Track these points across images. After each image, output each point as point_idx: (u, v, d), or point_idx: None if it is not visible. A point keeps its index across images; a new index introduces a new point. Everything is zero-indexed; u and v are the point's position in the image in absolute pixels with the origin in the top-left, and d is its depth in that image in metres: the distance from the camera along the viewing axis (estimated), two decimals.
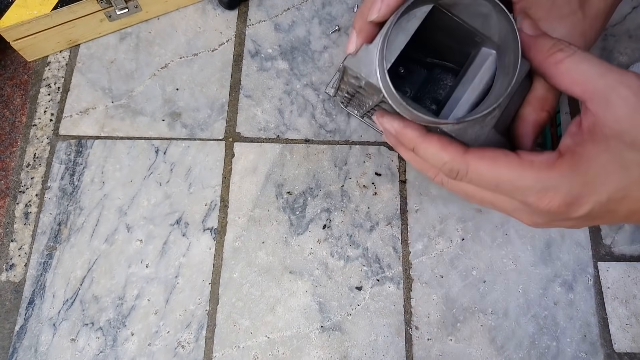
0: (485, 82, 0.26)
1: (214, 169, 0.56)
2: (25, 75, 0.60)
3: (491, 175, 0.25)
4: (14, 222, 0.54)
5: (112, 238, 0.53)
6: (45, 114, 0.58)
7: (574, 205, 0.24)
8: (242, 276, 0.52)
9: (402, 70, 0.32)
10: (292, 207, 0.55)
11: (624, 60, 0.62)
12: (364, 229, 0.54)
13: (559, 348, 0.50)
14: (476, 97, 0.27)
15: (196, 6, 0.63)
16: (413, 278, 0.53)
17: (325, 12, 0.64)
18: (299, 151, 0.57)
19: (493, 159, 0.25)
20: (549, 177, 0.24)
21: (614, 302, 0.52)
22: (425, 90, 0.33)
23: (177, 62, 0.61)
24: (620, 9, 0.65)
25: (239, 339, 0.50)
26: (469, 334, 0.51)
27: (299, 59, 0.61)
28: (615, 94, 0.23)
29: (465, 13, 0.26)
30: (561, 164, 0.24)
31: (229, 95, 0.59)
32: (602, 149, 0.23)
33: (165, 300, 0.51)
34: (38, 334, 0.50)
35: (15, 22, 0.54)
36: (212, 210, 0.54)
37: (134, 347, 0.49)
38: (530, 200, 0.24)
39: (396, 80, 0.32)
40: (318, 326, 0.50)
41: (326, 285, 0.52)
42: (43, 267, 0.52)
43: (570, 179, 0.24)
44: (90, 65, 0.60)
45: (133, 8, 0.59)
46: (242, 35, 0.62)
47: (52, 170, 0.55)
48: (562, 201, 0.24)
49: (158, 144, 0.57)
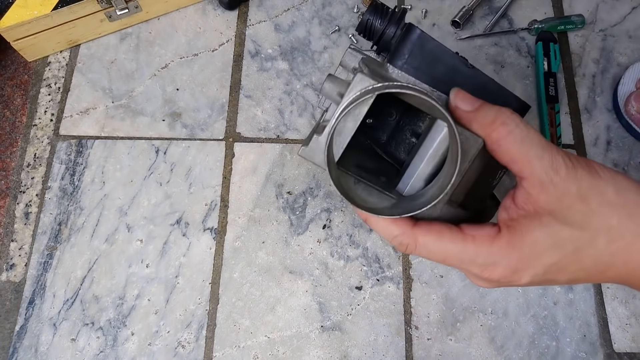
0: (440, 154, 0.27)
1: (214, 169, 0.56)
2: (26, 76, 0.60)
3: (438, 250, 0.26)
4: (14, 222, 0.54)
5: (112, 238, 0.53)
6: (46, 114, 0.58)
7: (514, 276, 0.26)
8: (242, 276, 0.52)
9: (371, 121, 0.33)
10: (292, 207, 0.55)
11: (623, 60, 0.62)
12: (364, 229, 0.54)
13: (558, 348, 0.50)
14: (432, 167, 0.27)
15: (196, 6, 0.63)
16: (413, 278, 0.53)
17: (325, 13, 0.64)
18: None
19: (439, 232, 0.26)
20: (488, 253, 0.25)
21: (613, 302, 0.52)
22: (405, 122, 0.33)
23: (178, 62, 0.61)
24: (620, 9, 0.65)
25: (239, 338, 0.50)
26: (468, 333, 0.51)
27: (299, 59, 0.61)
28: (549, 179, 0.24)
29: (412, 100, 0.27)
30: (499, 239, 0.26)
31: (229, 95, 0.59)
32: (535, 225, 0.25)
33: (165, 300, 0.51)
34: (38, 334, 0.50)
35: (16, 22, 0.54)
36: (212, 210, 0.54)
37: (134, 347, 0.49)
38: (473, 271, 0.26)
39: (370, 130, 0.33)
40: (318, 326, 0.51)
41: (326, 285, 0.52)
42: (43, 267, 0.52)
43: (507, 253, 0.25)
44: (91, 65, 0.60)
45: (133, 8, 0.59)
46: (242, 36, 0.62)
47: (53, 170, 0.56)
48: (502, 274, 0.26)
49: (158, 144, 0.57)
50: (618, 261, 0.25)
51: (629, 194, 0.25)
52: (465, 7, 0.63)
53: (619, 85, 0.59)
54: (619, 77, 0.60)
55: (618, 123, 0.59)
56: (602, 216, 0.24)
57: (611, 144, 0.58)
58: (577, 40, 0.63)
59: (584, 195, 0.24)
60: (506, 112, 0.25)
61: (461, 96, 0.27)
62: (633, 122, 0.57)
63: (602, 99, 0.60)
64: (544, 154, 0.24)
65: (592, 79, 0.61)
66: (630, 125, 0.57)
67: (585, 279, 0.26)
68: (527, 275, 0.25)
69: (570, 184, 0.24)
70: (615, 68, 0.62)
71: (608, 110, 0.60)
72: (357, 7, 0.64)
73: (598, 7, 0.65)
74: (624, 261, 0.25)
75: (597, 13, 0.64)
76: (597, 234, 0.24)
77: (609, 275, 0.26)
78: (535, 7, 0.65)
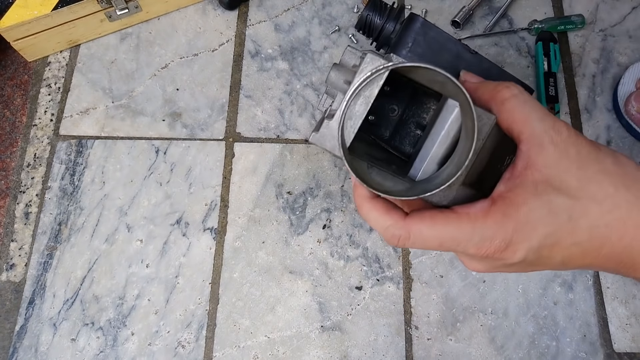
0: (452, 135, 0.27)
1: (214, 169, 0.56)
2: (26, 76, 0.60)
3: (433, 235, 0.26)
4: (14, 222, 0.54)
5: (112, 238, 0.53)
6: (46, 114, 0.58)
7: (508, 251, 0.25)
8: (242, 276, 0.52)
9: (373, 118, 0.33)
10: (292, 207, 0.55)
11: (623, 60, 0.62)
12: (363, 229, 0.54)
13: (558, 348, 0.50)
14: (445, 149, 0.27)
15: (196, 6, 0.63)
16: (413, 278, 0.53)
17: (325, 13, 0.64)
18: (299, 151, 0.57)
19: (431, 217, 0.26)
20: (484, 227, 0.25)
21: (613, 302, 0.52)
22: (409, 115, 0.33)
23: (178, 63, 0.61)
24: (620, 9, 0.65)
25: (239, 338, 0.50)
26: (468, 333, 0.51)
27: (299, 59, 0.61)
28: (548, 138, 0.24)
29: (422, 78, 0.26)
30: (494, 212, 0.25)
31: (229, 95, 0.59)
32: (530, 194, 0.24)
33: (165, 300, 0.51)
34: (38, 334, 0.50)
35: (16, 22, 0.54)
36: (212, 210, 0.54)
37: (134, 346, 0.49)
38: (470, 251, 0.25)
39: (372, 127, 0.33)
40: (318, 326, 0.51)
41: (326, 285, 0.52)
42: (43, 267, 0.52)
43: (503, 224, 0.24)
44: (91, 65, 0.60)
45: (133, 8, 0.59)
46: (242, 36, 0.62)
47: (53, 170, 0.56)
48: (497, 248, 0.25)
49: (158, 144, 0.57)
50: (613, 235, 0.24)
51: (628, 168, 0.24)
52: (465, 7, 0.63)
53: (619, 85, 0.59)
54: (619, 77, 0.60)
55: (618, 123, 0.59)
56: (599, 184, 0.24)
57: (611, 144, 0.58)
58: (577, 40, 0.63)
59: (582, 161, 0.24)
60: (511, 82, 0.26)
61: (470, 74, 0.28)
62: (633, 122, 0.57)
63: (602, 99, 0.60)
64: (545, 117, 0.25)
65: (592, 79, 0.61)
66: (630, 125, 0.57)
67: (581, 258, 0.25)
68: (522, 248, 0.24)
69: (570, 147, 0.24)
70: (615, 68, 0.62)
71: (608, 110, 0.60)
72: (357, 7, 0.64)
73: (598, 7, 0.65)
74: (620, 235, 0.24)
75: (597, 13, 0.64)
76: (591, 202, 0.24)
77: (604, 253, 0.25)
78: (535, 7, 0.65)
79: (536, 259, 0.25)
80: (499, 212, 0.25)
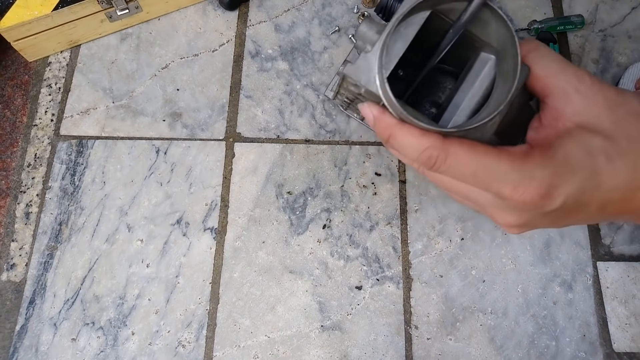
0: (485, 88, 0.26)
1: (214, 169, 0.56)
2: (26, 76, 0.61)
3: (470, 161, 0.24)
4: (14, 222, 0.54)
5: (112, 238, 0.53)
6: (46, 114, 0.58)
7: (548, 197, 0.23)
8: (243, 276, 0.52)
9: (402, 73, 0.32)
10: (292, 207, 0.55)
11: (623, 61, 0.62)
12: (363, 229, 0.54)
13: (558, 347, 0.50)
14: (476, 102, 0.27)
15: (197, 7, 0.63)
16: (413, 278, 0.53)
17: (325, 13, 0.64)
18: (299, 151, 0.57)
19: (471, 145, 0.25)
20: (524, 166, 0.24)
21: (613, 301, 0.52)
22: (424, 94, 0.33)
23: (178, 63, 0.61)
24: (620, 10, 0.65)
25: (239, 338, 0.50)
26: (468, 333, 0.51)
27: (299, 59, 0.61)
28: (573, 88, 0.24)
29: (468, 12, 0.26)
30: (534, 154, 0.24)
31: (230, 95, 0.59)
32: (566, 139, 0.24)
33: (165, 299, 0.51)
34: (39, 334, 0.50)
35: (16, 23, 0.54)
36: (212, 210, 0.55)
37: (135, 346, 0.50)
38: (505, 192, 0.24)
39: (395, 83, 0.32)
40: (318, 325, 0.51)
41: (326, 285, 0.52)
42: (44, 266, 0.52)
43: (543, 167, 0.23)
44: (91, 65, 0.60)
45: (134, 9, 0.59)
46: (243, 36, 0.62)
47: (53, 170, 0.56)
48: (536, 192, 0.23)
49: (159, 144, 0.57)
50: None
51: None
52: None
53: (618, 86, 0.59)
54: (618, 77, 0.60)
55: None
56: (631, 125, 0.24)
57: None
58: (576, 41, 0.63)
59: (610, 105, 0.24)
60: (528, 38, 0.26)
61: None
62: None
63: None
64: (567, 68, 0.24)
65: None
66: None
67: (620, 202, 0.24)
68: (562, 193, 0.23)
69: (597, 92, 0.24)
70: (614, 68, 0.62)
71: None
72: (357, 7, 0.64)
73: (598, 8, 0.65)
74: None
75: (596, 13, 0.65)
76: (628, 141, 0.23)
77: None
78: (534, 7, 0.65)
79: (575, 206, 0.24)
80: (538, 154, 0.24)
